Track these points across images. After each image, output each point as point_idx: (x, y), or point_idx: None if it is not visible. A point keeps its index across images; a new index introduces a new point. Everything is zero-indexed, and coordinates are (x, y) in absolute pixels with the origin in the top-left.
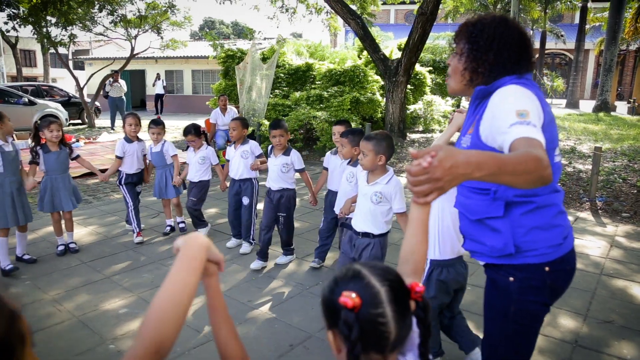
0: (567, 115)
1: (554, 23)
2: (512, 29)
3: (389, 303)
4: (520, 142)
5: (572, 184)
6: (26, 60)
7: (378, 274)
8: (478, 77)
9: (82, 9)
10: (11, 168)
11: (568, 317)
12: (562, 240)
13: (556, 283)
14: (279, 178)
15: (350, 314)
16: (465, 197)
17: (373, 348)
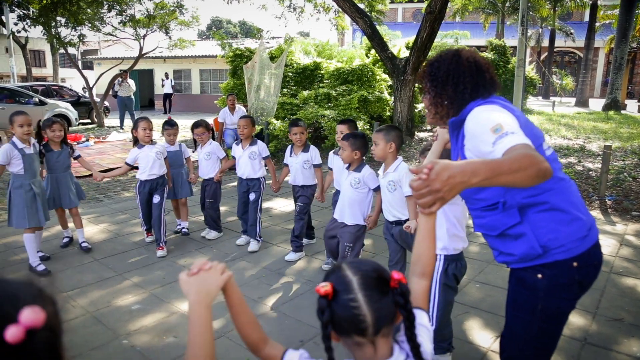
0: (576, 114)
1: (563, 21)
2: (464, 61)
3: (360, 289)
4: (508, 152)
5: (582, 182)
6: (36, 60)
7: (354, 266)
8: (443, 109)
9: (92, 9)
10: (31, 170)
11: (577, 315)
12: (586, 232)
13: (585, 279)
14: (302, 175)
15: (323, 300)
16: (481, 218)
17: (353, 331)
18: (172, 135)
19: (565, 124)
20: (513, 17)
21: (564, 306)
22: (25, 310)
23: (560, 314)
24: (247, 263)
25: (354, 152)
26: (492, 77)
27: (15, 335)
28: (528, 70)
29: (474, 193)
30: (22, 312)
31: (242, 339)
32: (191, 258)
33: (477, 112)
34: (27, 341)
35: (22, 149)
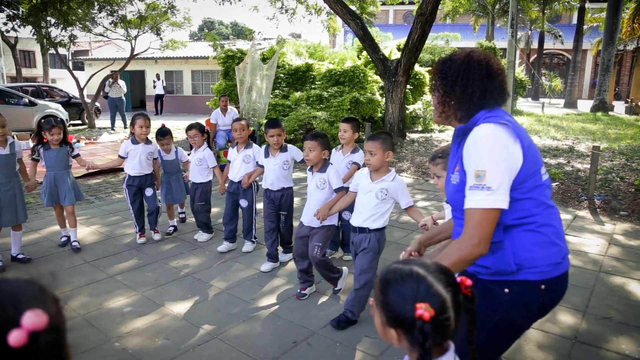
0: (565, 115)
1: (552, 23)
2: (475, 63)
3: (452, 307)
4: (467, 214)
5: (571, 182)
6: (26, 60)
7: (441, 279)
8: (450, 109)
9: (82, 10)
10: (3, 170)
11: (567, 314)
12: (560, 259)
13: (547, 303)
14: (281, 177)
15: (427, 325)
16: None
17: (436, 343)
18: (166, 144)
19: (554, 125)
20: (503, 20)
21: (519, 324)
22: (27, 313)
23: (514, 330)
24: (239, 264)
25: (322, 153)
26: (502, 85)
27: (18, 340)
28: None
29: (463, 204)
30: (24, 316)
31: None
32: (183, 260)
33: (481, 133)
34: (30, 344)
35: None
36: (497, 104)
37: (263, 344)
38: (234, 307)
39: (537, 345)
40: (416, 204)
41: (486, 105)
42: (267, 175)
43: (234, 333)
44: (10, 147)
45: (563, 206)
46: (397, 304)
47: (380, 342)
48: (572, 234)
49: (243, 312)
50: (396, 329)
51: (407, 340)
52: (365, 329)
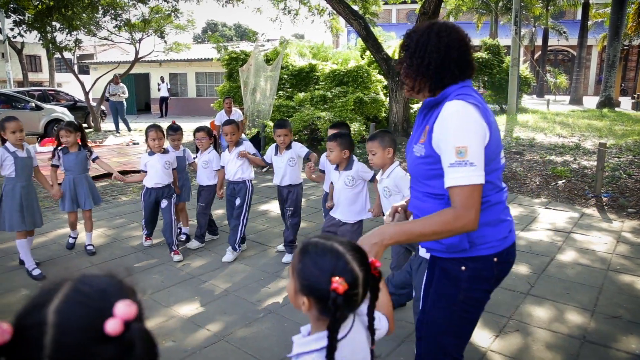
0: (570, 112)
1: (556, 20)
2: (434, 35)
3: (362, 284)
4: (453, 192)
5: (577, 180)
6: (32, 65)
7: (357, 258)
8: (412, 82)
9: (87, 14)
10: (24, 174)
11: (575, 313)
12: (507, 233)
13: (500, 274)
14: (288, 173)
15: (340, 297)
16: (421, 201)
17: (343, 315)
18: (177, 140)
19: (560, 122)
20: (506, 17)
21: (481, 297)
22: (118, 304)
23: (478, 303)
24: (244, 266)
25: (342, 152)
26: (463, 57)
27: (115, 328)
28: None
29: (425, 177)
30: (116, 306)
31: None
32: (189, 262)
33: (455, 109)
34: (126, 332)
35: (15, 152)
36: (457, 77)
37: (269, 345)
38: (240, 309)
39: (545, 345)
40: None
41: (446, 79)
42: (275, 172)
43: (241, 334)
44: (27, 151)
45: (570, 204)
46: (314, 274)
47: (386, 342)
48: (579, 232)
49: (249, 314)
50: (308, 297)
51: (316, 309)
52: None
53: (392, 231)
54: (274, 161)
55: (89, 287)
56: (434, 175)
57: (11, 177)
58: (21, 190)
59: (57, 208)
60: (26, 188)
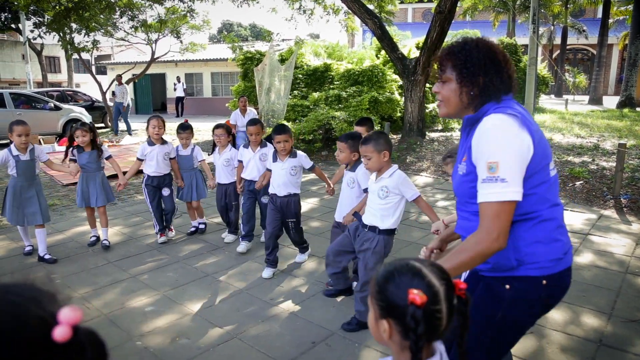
0: (589, 112)
1: (576, 18)
2: (488, 51)
3: (445, 300)
4: (481, 209)
5: (596, 181)
6: (51, 66)
7: (436, 273)
8: (468, 99)
9: (104, 15)
10: (25, 175)
11: (592, 316)
12: (562, 255)
13: (550, 299)
14: (288, 182)
15: (419, 310)
16: (467, 220)
17: (426, 338)
18: (185, 138)
19: (578, 122)
20: (524, 15)
21: (522, 320)
22: (64, 309)
23: (517, 327)
24: (258, 264)
25: (352, 154)
26: (511, 73)
27: (64, 334)
28: (540, 69)
29: (469, 195)
30: (61, 312)
31: None
32: (203, 260)
33: (491, 123)
34: (75, 338)
35: (17, 155)
36: (502, 92)
37: (282, 344)
38: (253, 307)
39: (560, 348)
40: (436, 203)
41: (493, 95)
42: (273, 179)
43: (253, 333)
44: (30, 153)
45: (588, 205)
46: (392, 292)
47: None
48: (597, 234)
49: (262, 312)
50: (388, 319)
51: (398, 332)
52: None
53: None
54: (272, 168)
55: (20, 298)
56: (477, 193)
57: (14, 177)
58: (21, 188)
59: (74, 206)
60: (27, 187)
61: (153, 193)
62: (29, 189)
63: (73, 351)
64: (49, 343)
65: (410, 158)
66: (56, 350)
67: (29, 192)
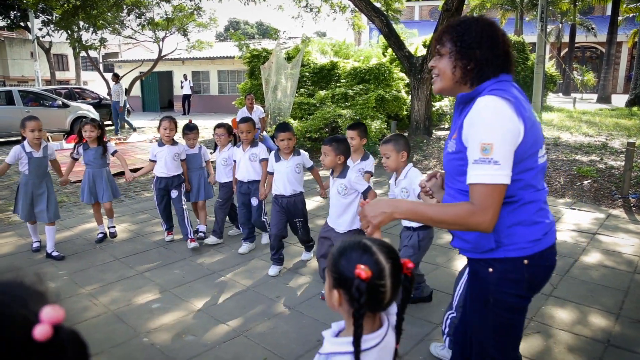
0: (598, 110)
1: (584, 15)
2: (487, 28)
3: (390, 276)
4: (473, 190)
5: (604, 180)
6: (59, 64)
7: (385, 252)
8: (464, 74)
9: (111, 13)
10: (36, 172)
11: (599, 316)
12: (541, 236)
13: (534, 278)
14: (293, 180)
15: (363, 283)
16: (453, 198)
17: (370, 309)
18: (192, 139)
19: (586, 120)
20: (532, 13)
21: (513, 302)
22: (45, 308)
23: (510, 308)
24: (264, 262)
25: (337, 157)
26: (508, 51)
27: (44, 333)
28: (548, 67)
29: (457, 173)
30: (42, 311)
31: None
32: (209, 257)
33: (485, 104)
34: (55, 337)
35: (30, 152)
36: (499, 70)
37: (287, 342)
38: (259, 305)
39: (567, 348)
40: None
41: (489, 72)
42: (277, 179)
43: (259, 330)
44: (43, 150)
45: (596, 205)
46: (343, 265)
47: (405, 341)
48: (606, 233)
49: (268, 310)
50: (338, 289)
51: (346, 301)
52: None
53: (405, 207)
54: (275, 168)
55: (5, 296)
56: (465, 171)
57: (25, 174)
58: (33, 185)
59: (82, 203)
60: (38, 185)
61: (161, 196)
62: (40, 186)
63: (53, 350)
64: (29, 342)
65: (417, 156)
66: (36, 349)
67: (40, 189)
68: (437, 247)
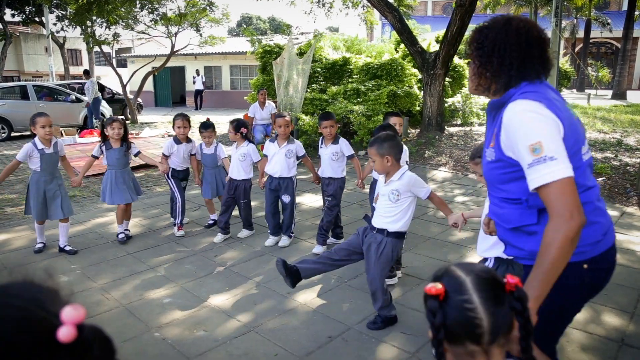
0: (613, 107)
1: (600, 10)
2: (513, 32)
3: (475, 290)
4: (542, 194)
5: (619, 177)
6: (73, 59)
7: (464, 267)
8: (486, 82)
9: (125, 8)
10: (48, 169)
11: (613, 315)
12: (601, 236)
13: (594, 281)
14: (330, 167)
15: (434, 301)
16: (499, 207)
17: (467, 336)
18: (208, 137)
19: (601, 117)
20: (546, 8)
21: (569, 307)
22: (66, 308)
23: (563, 314)
24: (276, 258)
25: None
26: (543, 55)
27: (69, 334)
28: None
29: (499, 181)
30: (63, 312)
31: None
32: (221, 253)
33: (519, 108)
34: (80, 337)
35: (42, 149)
36: (538, 75)
37: (298, 338)
38: (270, 301)
39: (580, 347)
40: (454, 199)
41: (527, 77)
42: (321, 163)
43: (270, 326)
44: (54, 146)
45: (610, 202)
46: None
47: (416, 338)
48: (620, 231)
49: (279, 306)
50: (444, 341)
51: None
52: (401, 326)
53: (534, 291)
54: (320, 153)
55: (21, 300)
56: (508, 179)
57: (37, 171)
58: (45, 183)
59: (95, 198)
60: (50, 182)
61: (182, 187)
62: (51, 182)
63: (79, 350)
64: (54, 344)
65: (428, 153)
66: (62, 351)
67: (52, 186)
68: (449, 244)
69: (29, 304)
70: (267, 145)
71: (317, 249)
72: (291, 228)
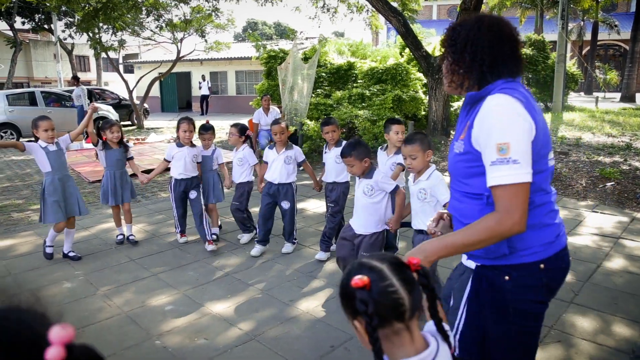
0: (621, 110)
1: (607, 13)
2: (485, 29)
3: (393, 275)
4: (496, 193)
5: (628, 182)
6: (81, 65)
7: (376, 257)
8: (459, 78)
9: (131, 15)
10: (58, 165)
11: (623, 325)
12: (554, 238)
13: (552, 282)
14: (334, 170)
15: (364, 292)
16: (459, 202)
17: (393, 317)
18: (207, 139)
19: (609, 120)
20: (552, 11)
21: (531, 308)
22: (54, 328)
23: (531, 315)
24: (279, 265)
25: (362, 162)
26: (514, 52)
27: (57, 355)
28: (569, 66)
29: (463, 175)
30: (51, 332)
31: None
32: (224, 260)
33: (498, 102)
34: (69, 356)
35: (46, 147)
36: (510, 73)
37: (300, 347)
38: (272, 309)
39: (588, 359)
40: None
41: (501, 75)
42: (325, 168)
43: (272, 335)
44: (56, 144)
45: (619, 208)
46: (344, 290)
47: None
48: (629, 237)
49: (281, 314)
50: (356, 318)
51: (363, 326)
52: None
53: (433, 247)
54: (324, 158)
55: (8, 322)
56: (472, 173)
57: (49, 172)
58: (59, 182)
59: (99, 203)
60: (63, 179)
61: (181, 199)
62: (68, 180)
63: None
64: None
65: (434, 157)
66: None
67: (70, 183)
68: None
69: (16, 327)
70: (266, 152)
71: (320, 255)
72: (293, 235)
